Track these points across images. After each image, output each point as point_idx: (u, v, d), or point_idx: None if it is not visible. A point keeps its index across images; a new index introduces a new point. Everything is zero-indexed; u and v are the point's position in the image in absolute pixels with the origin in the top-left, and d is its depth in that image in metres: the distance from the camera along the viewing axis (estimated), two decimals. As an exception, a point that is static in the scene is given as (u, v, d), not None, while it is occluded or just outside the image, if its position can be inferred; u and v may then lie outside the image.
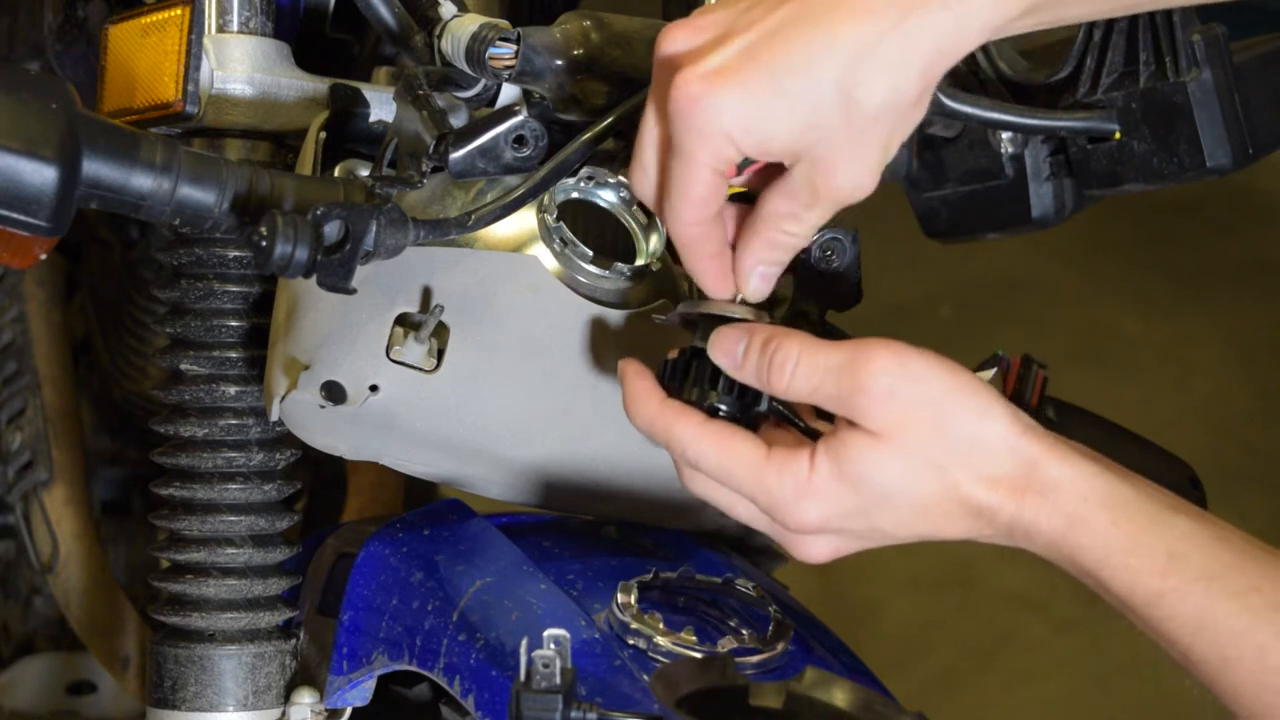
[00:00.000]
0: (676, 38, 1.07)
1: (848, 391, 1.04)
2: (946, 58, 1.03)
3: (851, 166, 1.04)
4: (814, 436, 1.08)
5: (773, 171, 1.08)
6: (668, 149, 1.07)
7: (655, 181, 1.09)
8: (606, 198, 1.26)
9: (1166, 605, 1.02)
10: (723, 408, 1.10)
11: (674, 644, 1.13)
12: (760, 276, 1.12)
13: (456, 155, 1.17)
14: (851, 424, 1.05)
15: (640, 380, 1.12)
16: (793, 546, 1.09)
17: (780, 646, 1.15)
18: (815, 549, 1.09)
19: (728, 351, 1.09)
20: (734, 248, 1.12)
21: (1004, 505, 1.04)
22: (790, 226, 1.09)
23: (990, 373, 1.13)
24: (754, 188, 1.11)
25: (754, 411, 1.10)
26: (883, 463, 1.04)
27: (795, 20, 1.02)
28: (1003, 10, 1.03)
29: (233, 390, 1.27)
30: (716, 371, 1.10)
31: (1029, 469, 1.03)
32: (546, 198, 1.23)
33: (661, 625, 1.14)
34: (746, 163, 1.10)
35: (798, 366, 1.06)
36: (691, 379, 1.11)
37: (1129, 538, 1.03)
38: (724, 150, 1.04)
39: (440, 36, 1.20)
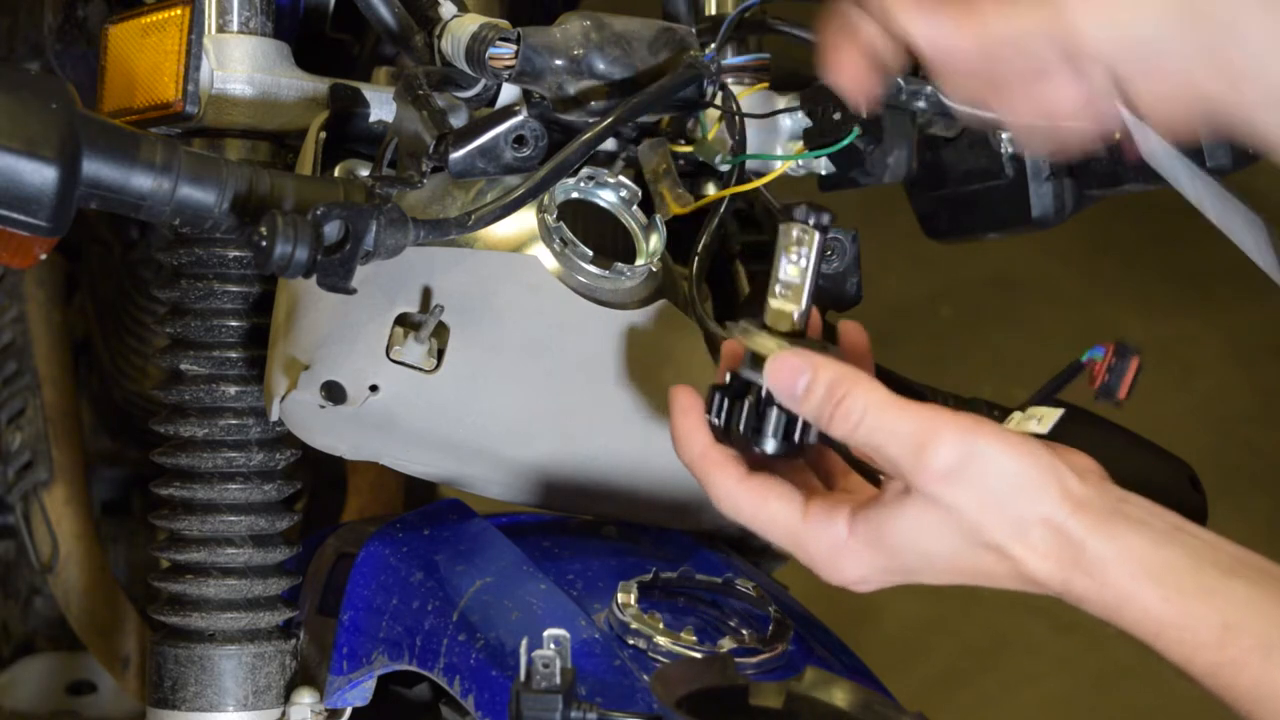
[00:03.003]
0: None
1: (909, 465, 1.02)
2: None
3: None
4: (875, 481, 1.06)
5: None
6: None
7: None
8: (606, 198, 1.26)
9: (1224, 676, 1.01)
10: (770, 449, 1.06)
11: (674, 644, 1.13)
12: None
13: (456, 155, 1.17)
14: (899, 491, 1.03)
15: (687, 418, 1.09)
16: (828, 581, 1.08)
17: (780, 646, 1.15)
18: (853, 587, 1.08)
19: (787, 384, 1.06)
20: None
21: (1051, 580, 1.02)
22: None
23: (1056, 415, 1.09)
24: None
25: (803, 443, 1.07)
26: (927, 535, 1.03)
27: None
28: None
29: (233, 390, 1.27)
30: (765, 401, 1.06)
31: (1077, 549, 1.02)
32: (546, 198, 1.23)
33: (661, 625, 1.14)
34: None
35: (863, 421, 1.03)
36: (741, 417, 1.07)
37: (1182, 613, 1.01)
38: None
39: (440, 36, 1.20)
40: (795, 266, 1.07)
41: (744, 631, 1.16)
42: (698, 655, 1.12)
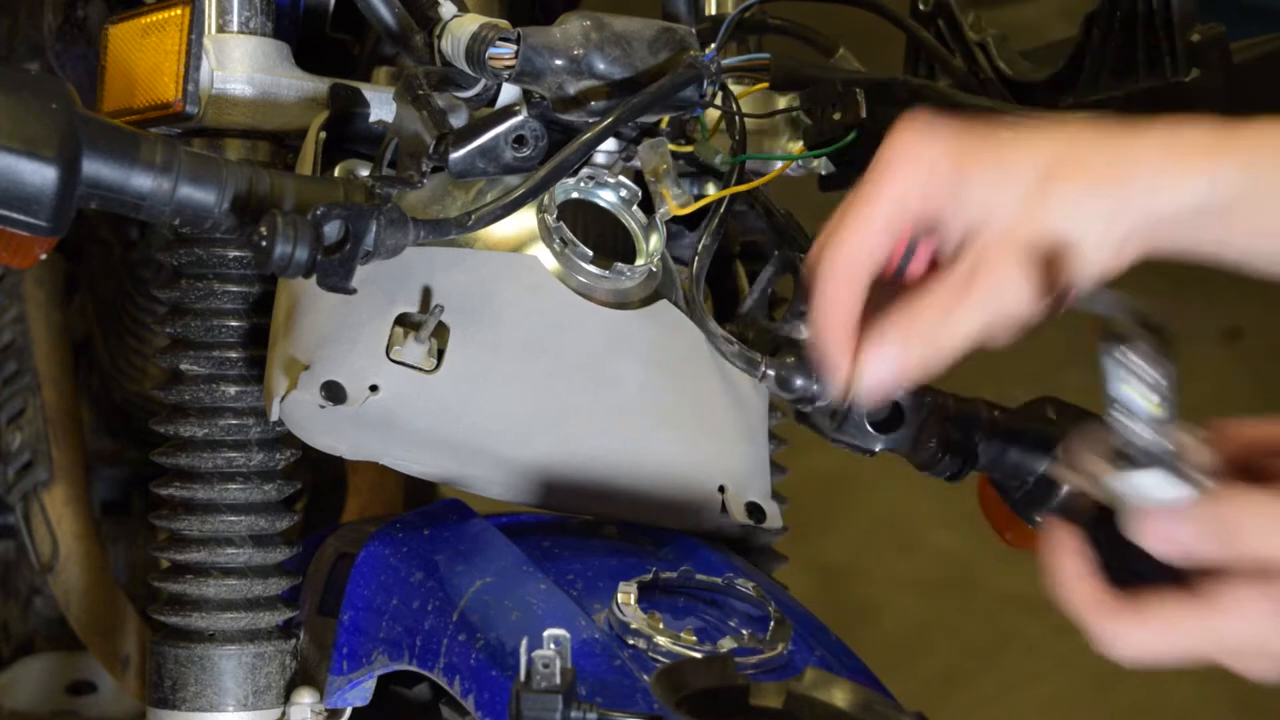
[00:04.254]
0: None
1: None
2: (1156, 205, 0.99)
3: (1011, 272, 1.00)
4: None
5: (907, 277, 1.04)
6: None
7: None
8: (606, 198, 1.26)
9: None
10: (1156, 579, 0.95)
11: (674, 644, 1.13)
12: (881, 364, 1.01)
13: (456, 155, 1.17)
14: None
15: (1071, 562, 0.98)
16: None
17: (780, 646, 1.15)
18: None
19: (1171, 550, 0.94)
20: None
21: None
22: (937, 320, 1.00)
23: None
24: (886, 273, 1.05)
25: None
26: None
27: (1017, 133, 1.01)
28: (1221, 186, 0.99)
29: (233, 390, 1.27)
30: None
31: None
32: (546, 198, 1.23)
33: (661, 625, 1.14)
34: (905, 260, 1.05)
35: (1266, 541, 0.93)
36: (1119, 553, 0.96)
37: None
38: (911, 196, 1.01)
39: (440, 36, 1.20)
40: (1137, 388, 0.95)
41: (744, 631, 1.16)
42: (698, 655, 1.12)
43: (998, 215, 1.00)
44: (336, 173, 1.24)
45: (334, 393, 1.18)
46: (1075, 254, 0.99)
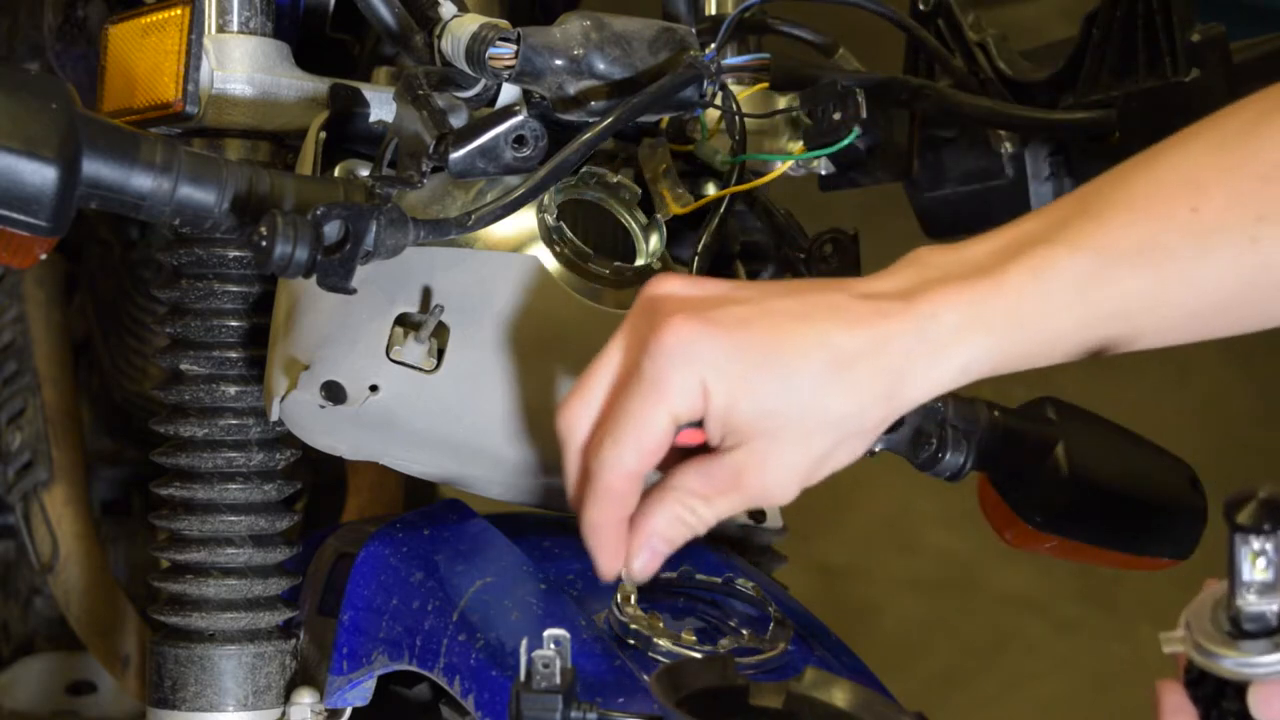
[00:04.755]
0: (672, 283, 1.06)
1: None
2: (914, 392, 1.03)
3: (782, 469, 1.04)
4: None
5: (689, 449, 1.06)
6: (626, 386, 1.05)
7: (595, 418, 1.07)
8: (606, 198, 1.26)
9: None
10: None
11: (674, 644, 1.13)
12: (652, 553, 1.08)
13: (456, 155, 1.17)
14: None
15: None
16: None
17: (780, 646, 1.15)
18: None
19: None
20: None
21: None
22: (700, 508, 1.06)
23: None
24: (663, 466, 1.07)
25: None
26: None
27: (791, 312, 1.03)
28: (976, 356, 1.02)
29: (233, 390, 1.27)
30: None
31: None
32: (546, 198, 1.23)
33: (661, 625, 1.14)
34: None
35: None
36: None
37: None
38: (693, 401, 1.02)
39: (440, 36, 1.20)
40: (1265, 571, 0.93)
41: (744, 631, 1.16)
42: (698, 655, 1.12)
43: (774, 418, 1.03)
44: (336, 173, 1.24)
45: (334, 393, 1.18)
46: (852, 444, 1.04)
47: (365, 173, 1.23)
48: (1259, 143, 1.01)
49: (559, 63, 1.18)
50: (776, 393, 1.02)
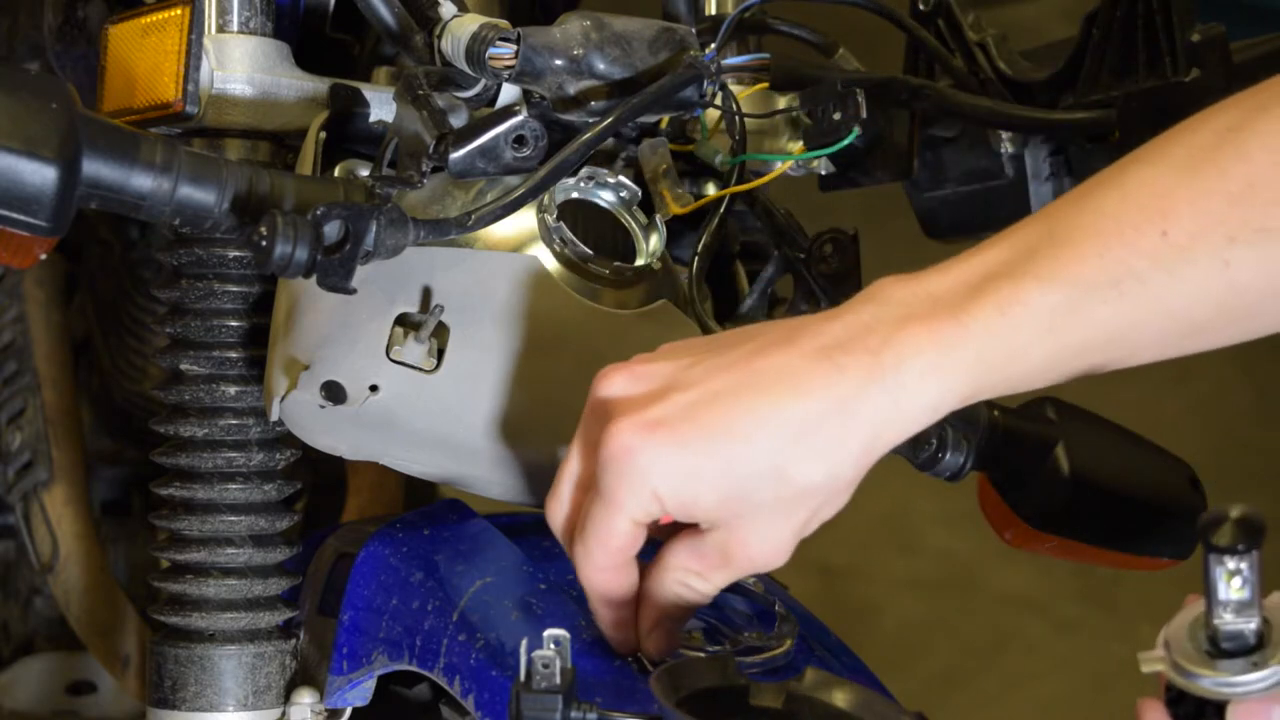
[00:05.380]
0: (615, 381, 1.05)
1: None
2: (884, 442, 1.01)
3: (768, 541, 1.03)
4: None
5: (683, 525, 1.06)
6: (588, 488, 1.05)
7: (568, 516, 1.07)
8: (606, 198, 1.26)
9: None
10: None
11: (674, 644, 1.13)
12: (664, 633, 1.08)
13: (456, 155, 1.17)
14: None
15: None
16: None
17: (787, 643, 1.15)
18: None
19: None
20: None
21: None
22: (696, 584, 1.06)
23: None
24: (660, 536, 1.07)
25: None
26: None
27: (740, 387, 1.01)
28: (945, 396, 1.00)
29: (233, 390, 1.27)
30: None
31: None
32: (546, 198, 1.23)
33: (662, 625, 1.14)
34: None
35: None
36: None
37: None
38: (649, 505, 1.02)
39: (440, 36, 1.20)
40: (1240, 590, 0.93)
41: (745, 631, 1.16)
42: (698, 655, 1.12)
43: (740, 501, 1.01)
44: (336, 173, 1.24)
45: (334, 393, 1.18)
46: (836, 500, 1.03)
47: (365, 173, 1.23)
48: (1226, 161, 0.98)
49: (559, 63, 1.18)
50: (735, 478, 1.00)
